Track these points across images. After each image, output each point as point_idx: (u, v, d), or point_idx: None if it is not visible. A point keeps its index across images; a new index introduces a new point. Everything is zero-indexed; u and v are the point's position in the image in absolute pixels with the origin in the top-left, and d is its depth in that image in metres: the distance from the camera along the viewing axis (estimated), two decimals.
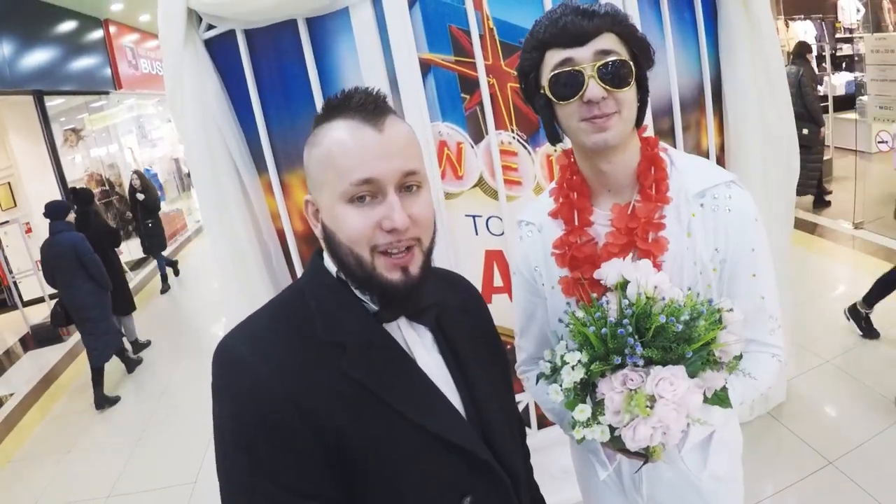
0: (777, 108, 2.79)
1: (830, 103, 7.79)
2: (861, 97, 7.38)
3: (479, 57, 2.29)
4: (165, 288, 8.52)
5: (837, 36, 9.74)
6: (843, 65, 9.87)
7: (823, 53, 8.39)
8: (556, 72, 1.13)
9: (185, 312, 7.85)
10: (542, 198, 1.40)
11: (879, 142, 6.50)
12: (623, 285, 1.11)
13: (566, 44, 1.12)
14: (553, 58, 1.14)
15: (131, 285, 7.53)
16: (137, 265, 9.72)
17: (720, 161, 2.89)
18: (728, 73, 2.79)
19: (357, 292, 0.96)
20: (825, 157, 7.73)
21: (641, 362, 1.03)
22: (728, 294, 1.24)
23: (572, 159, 1.30)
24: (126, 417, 4.90)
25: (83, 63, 9.46)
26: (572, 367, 1.07)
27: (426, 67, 2.29)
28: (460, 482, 0.94)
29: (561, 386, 1.09)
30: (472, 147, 2.39)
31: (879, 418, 3.11)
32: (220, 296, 7.38)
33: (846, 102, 8.50)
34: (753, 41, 2.67)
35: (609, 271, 1.16)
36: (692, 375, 1.04)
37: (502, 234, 2.46)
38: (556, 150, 2.51)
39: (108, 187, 10.27)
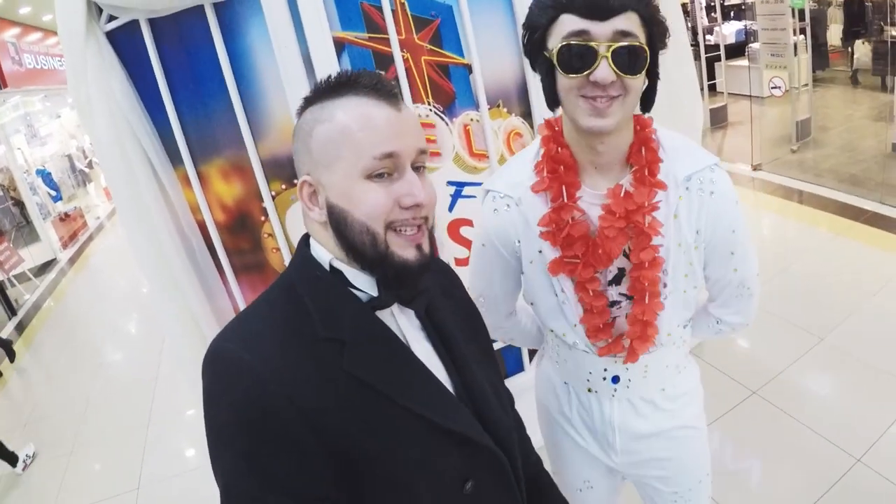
0: (677, 53, 2.90)
1: (723, 51, 8.17)
2: (751, 44, 7.76)
3: (393, 32, 2.29)
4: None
5: None
6: (732, 14, 10.35)
7: (713, 3, 8.75)
8: (568, 42, 1.02)
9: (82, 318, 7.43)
10: (514, 168, 1.31)
11: (773, 87, 6.90)
12: None
13: (585, 14, 1.01)
14: (568, 24, 1.03)
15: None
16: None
17: None
18: None
19: (352, 280, 0.94)
20: (720, 104, 8.14)
21: None
22: (704, 262, 1.28)
23: (557, 129, 1.22)
24: (54, 432, 4.65)
25: None
26: None
27: (340, 46, 2.27)
28: (462, 468, 0.95)
29: None
30: None
31: (794, 348, 3.34)
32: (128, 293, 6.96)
33: (737, 50, 8.94)
34: None
35: None
36: None
37: None
38: (472, 120, 2.54)
39: (1, 192, 9.66)
